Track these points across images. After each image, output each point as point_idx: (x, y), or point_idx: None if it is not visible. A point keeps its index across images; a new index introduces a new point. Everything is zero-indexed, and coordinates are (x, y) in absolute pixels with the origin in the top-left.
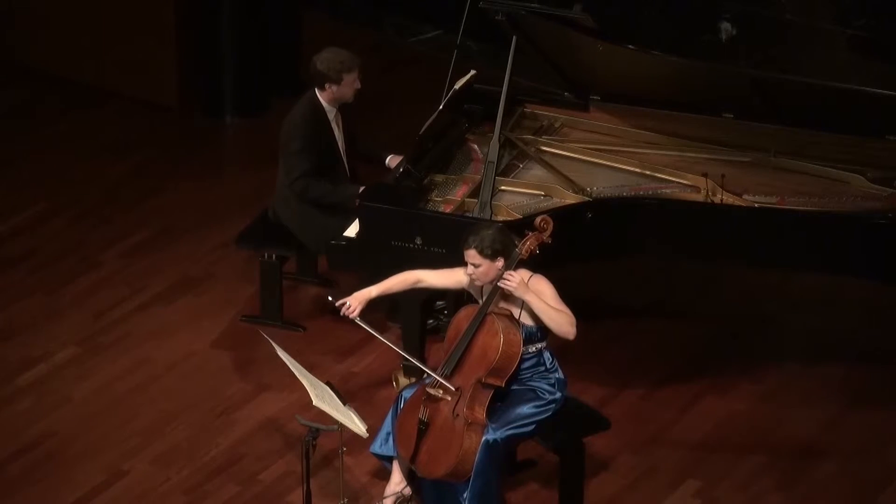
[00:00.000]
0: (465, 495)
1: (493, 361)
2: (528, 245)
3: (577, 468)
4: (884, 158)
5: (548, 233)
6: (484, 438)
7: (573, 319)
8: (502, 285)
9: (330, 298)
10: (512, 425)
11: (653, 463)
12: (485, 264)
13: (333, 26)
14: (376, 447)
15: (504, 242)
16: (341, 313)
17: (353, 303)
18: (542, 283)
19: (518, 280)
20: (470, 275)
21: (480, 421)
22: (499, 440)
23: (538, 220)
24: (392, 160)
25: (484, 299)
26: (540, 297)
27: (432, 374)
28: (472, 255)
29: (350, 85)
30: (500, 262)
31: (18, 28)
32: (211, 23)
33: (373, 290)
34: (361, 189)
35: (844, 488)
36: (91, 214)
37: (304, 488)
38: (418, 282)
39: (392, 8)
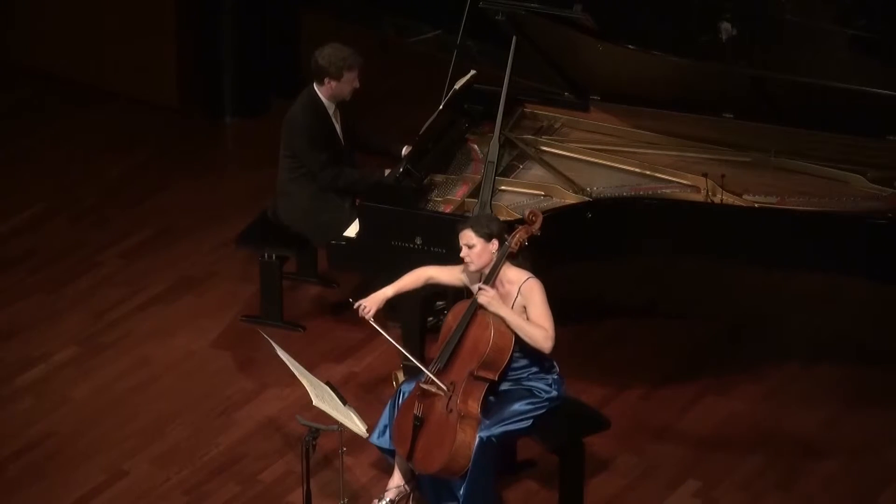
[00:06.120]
0: (460, 491)
1: (484, 354)
2: (517, 237)
3: (577, 468)
4: (884, 158)
5: (537, 225)
6: (478, 435)
7: (550, 334)
8: (479, 298)
9: (350, 300)
10: (506, 422)
11: (653, 463)
12: (479, 244)
13: (333, 26)
14: (374, 438)
15: (500, 227)
16: (359, 314)
17: (369, 304)
18: (534, 290)
19: (492, 294)
20: (464, 257)
21: (474, 415)
22: (493, 437)
23: (527, 212)
24: (407, 151)
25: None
26: (516, 311)
27: (429, 373)
28: (467, 234)
29: (349, 83)
30: (493, 245)
31: (18, 28)
32: (211, 23)
33: (388, 291)
34: (387, 172)
35: (844, 488)
36: (91, 214)
37: (304, 488)
38: (430, 278)
39: (392, 8)
